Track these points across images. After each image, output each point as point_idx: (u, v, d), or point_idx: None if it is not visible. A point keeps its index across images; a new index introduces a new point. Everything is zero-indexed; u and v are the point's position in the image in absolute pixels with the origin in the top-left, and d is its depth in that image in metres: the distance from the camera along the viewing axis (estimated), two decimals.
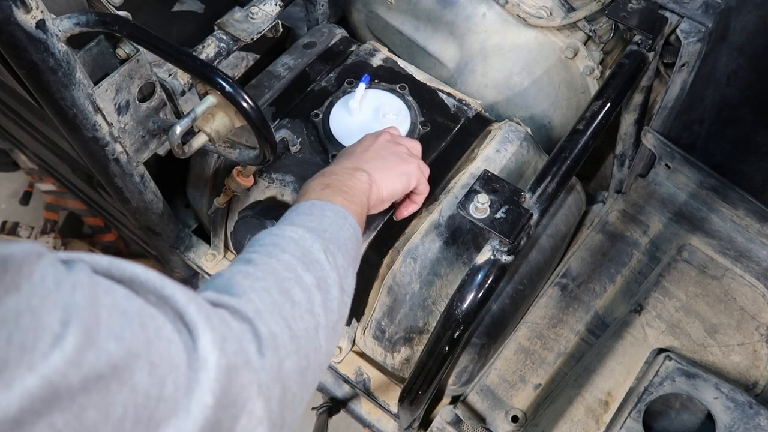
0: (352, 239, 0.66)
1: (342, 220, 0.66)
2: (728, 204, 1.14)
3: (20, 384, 0.28)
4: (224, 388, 0.39)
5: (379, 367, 1.08)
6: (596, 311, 1.13)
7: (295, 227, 0.61)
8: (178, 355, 0.37)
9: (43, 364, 0.29)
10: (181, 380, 0.37)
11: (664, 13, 0.97)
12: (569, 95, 1.19)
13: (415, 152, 0.90)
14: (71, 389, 0.30)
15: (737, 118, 1.05)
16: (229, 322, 0.44)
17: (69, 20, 0.74)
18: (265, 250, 0.56)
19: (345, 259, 0.62)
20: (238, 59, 1.29)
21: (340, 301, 0.58)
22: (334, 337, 0.56)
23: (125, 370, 0.33)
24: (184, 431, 0.37)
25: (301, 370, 0.49)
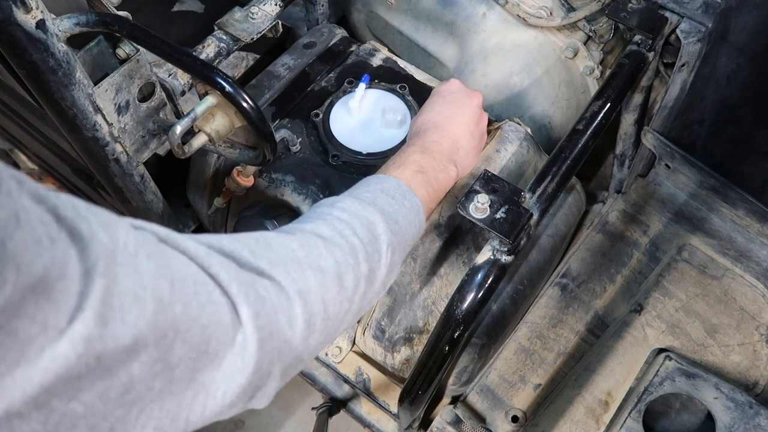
0: (414, 237, 0.69)
1: (414, 216, 0.68)
2: (728, 204, 1.14)
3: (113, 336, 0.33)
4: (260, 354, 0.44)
5: (379, 367, 1.08)
6: (596, 311, 1.13)
7: (374, 209, 0.63)
8: (224, 318, 0.42)
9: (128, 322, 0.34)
10: (225, 339, 0.42)
11: (664, 13, 0.97)
12: (569, 95, 1.19)
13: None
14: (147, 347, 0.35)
15: (737, 118, 1.05)
16: (268, 294, 0.47)
17: (69, 20, 0.74)
18: (341, 227, 0.58)
19: (400, 257, 0.64)
20: (238, 59, 1.29)
21: (376, 294, 0.61)
22: (353, 321, 0.60)
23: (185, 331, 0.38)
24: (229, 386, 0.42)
25: (317, 345, 0.53)
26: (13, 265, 0.29)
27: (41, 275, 0.30)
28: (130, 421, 0.36)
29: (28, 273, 0.30)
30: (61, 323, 0.31)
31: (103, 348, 0.33)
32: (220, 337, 0.41)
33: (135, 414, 0.37)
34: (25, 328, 0.30)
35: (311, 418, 1.15)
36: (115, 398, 0.35)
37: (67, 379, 0.32)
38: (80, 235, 0.34)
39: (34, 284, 0.30)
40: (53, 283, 0.31)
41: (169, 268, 0.39)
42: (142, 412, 0.37)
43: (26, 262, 0.30)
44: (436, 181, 0.75)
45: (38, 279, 0.30)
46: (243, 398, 0.45)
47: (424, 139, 0.81)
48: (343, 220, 0.60)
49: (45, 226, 0.32)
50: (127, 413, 0.36)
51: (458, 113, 0.85)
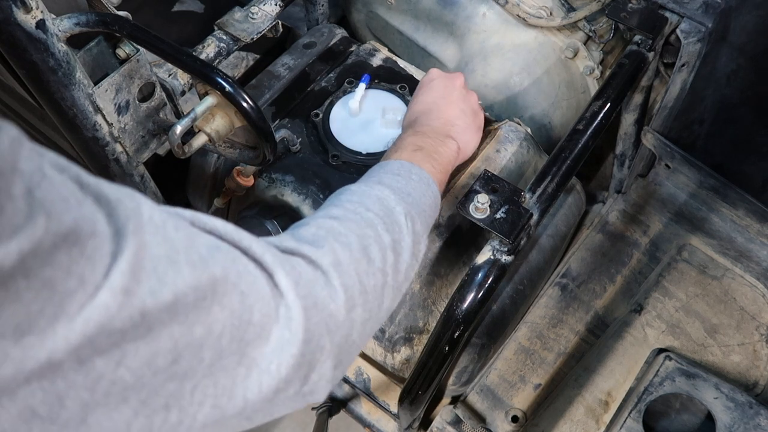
0: (431, 206, 0.69)
1: (425, 187, 0.68)
2: (728, 204, 1.14)
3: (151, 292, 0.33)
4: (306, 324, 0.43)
5: (379, 367, 1.08)
6: (596, 311, 1.13)
7: (383, 186, 0.63)
8: (263, 289, 0.41)
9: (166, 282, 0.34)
10: (268, 310, 0.41)
11: (664, 13, 0.97)
12: (569, 95, 1.19)
13: None
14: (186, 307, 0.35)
15: (737, 118, 1.05)
16: (303, 269, 0.47)
17: (69, 20, 0.74)
18: (352, 206, 0.59)
19: (422, 226, 0.64)
20: (238, 59, 1.29)
21: (409, 265, 0.61)
22: (396, 297, 0.59)
23: (223, 294, 0.37)
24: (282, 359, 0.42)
25: (363, 322, 0.52)
26: (43, 210, 0.29)
27: (72, 227, 0.30)
28: (184, 397, 0.36)
29: (58, 221, 0.29)
30: (98, 278, 0.31)
31: (142, 303, 0.32)
32: (262, 308, 0.41)
33: (189, 390, 0.36)
34: (62, 280, 0.29)
35: (311, 418, 1.15)
36: (164, 368, 0.34)
37: (110, 331, 0.31)
38: (106, 199, 0.33)
39: (65, 234, 0.29)
40: (85, 239, 0.30)
41: (199, 239, 0.39)
42: (196, 388, 0.36)
43: (56, 211, 0.29)
44: (437, 154, 0.76)
45: (69, 230, 0.30)
46: (298, 373, 0.43)
47: (415, 125, 0.82)
48: (353, 201, 0.60)
49: (69, 189, 0.32)
50: (180, 388, 0.35)
51: (443, 96, 0.86)
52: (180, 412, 0.36)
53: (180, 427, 0.36)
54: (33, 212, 0.28)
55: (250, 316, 0.39)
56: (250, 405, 0.40)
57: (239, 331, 0.39)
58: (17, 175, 0.28)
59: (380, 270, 0.55)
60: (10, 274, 0.27)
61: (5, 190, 0.27)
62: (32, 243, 0.28)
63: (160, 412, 0.35)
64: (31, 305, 0.28)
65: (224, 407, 0.38)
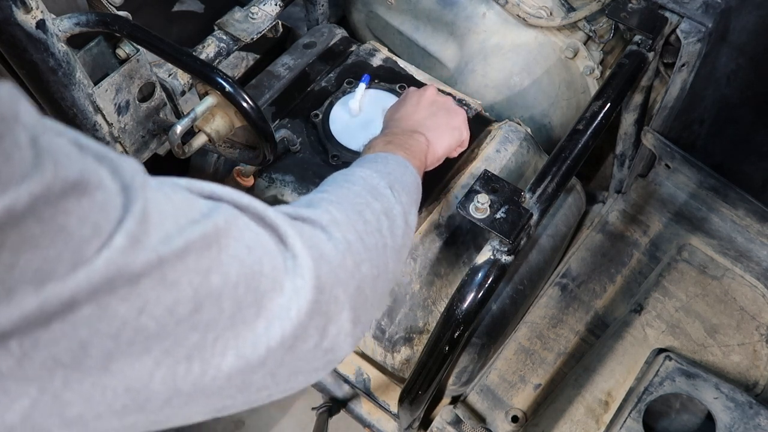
0: (413, 184, 0.70)
1: (404, 168, 0.70)
2: (728, 204, 1.14)
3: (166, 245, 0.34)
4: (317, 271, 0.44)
5: (379, 367, 1.08)
6: (596, 311, 1.13)
7: (363, 169, 0.65)
8: (268, 242, 0.42)
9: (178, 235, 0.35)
10: (276, 263, 0.42)
11: (664, 13, 0.97)
12: (569, 95, 1.19)
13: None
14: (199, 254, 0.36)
15: (737, 118, 1.05)
16: (304, 227, 0.48)
17: (69, 20, 0.74)
18: (337, 184, 0.61)
19: (408, 198, 0.66)
20: (238, 59, 1.29)
21: (404, 231, 0.61)
22: (398, 261, 0.60)
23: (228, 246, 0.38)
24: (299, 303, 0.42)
25: (373, 278, 0.52)
26: (50, 157, 0.29)
27: (79, 178, 0.30)
28: (206, 348, 0.36)
29: (65, 170, 0.29)
30: (111, 226, 0.31)
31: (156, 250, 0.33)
32: (270, 260, 0.41)
33: (211, 341, 0.36)
34: (77, 227, 0.30)
35: (311, 418, 1.16)
36: (186, 317, 0.35)
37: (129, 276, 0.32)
38: (108, 158, 0.34)
39: (73, 183, 0.30)
40: (93, 189, 0.31)
41: (198, 201, 0.40)
42: (217, 339, 0.37)
43: (61, 162, 0.30)
44: (408, 146, 0.77)
45: (77, 180, 0.30)
46: (315, 321, 0.44)
47: (383, 132, 0.85)
48: (338, 181, 0.63)
49: (70, 148, 0.32)
50: (202, 338, 0.36)
51: (412, 104, 0.89)
52: (203, 363, 0.36)
53: (205, 378, 0.37)
54: (40, 159, 0.28)
55: (260, 268, 0.40)
56: (272, 354, 0.41)
57: (254, 281, 0.39)
58: (20, 124, 0.28)
59: (378, 231, 0.57)
60: (22, 216, 0.27)
61: (11, 137, 0.27)
62: (42, 187, 0.28)
63: (182, 362, 0.35)
64: (48, 250, 0.29)
65: (248, 357, 0.39)
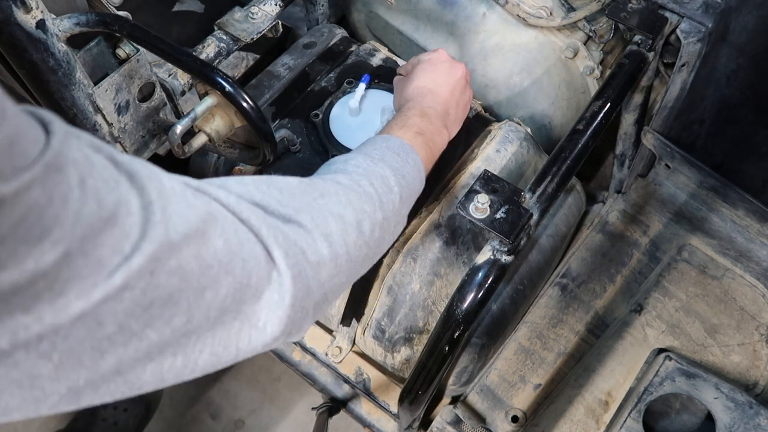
0: (417, 193, 0.74)
1: (417, 173, 0.73)
2: (728, 204, 1.14)
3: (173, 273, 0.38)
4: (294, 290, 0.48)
5: (379, 367, 1.08)
6: (596, 311, 1.13)
7: (385, 165, 0.67)
8: (260, 256, 0.46)
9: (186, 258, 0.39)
10: (262, 274, 0.46)
11: (664, 13, 0.97)
12: (569, 95, 1.19)
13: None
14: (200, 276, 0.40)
15: (737, 118, 1.05)
16: (296, 237, 0.51)
17: (69, 20, 0.74)
18: (357, 177, 0.64)
19: (407, 209, 0.70)
20: (238, 59, 1.29)
21: (388, 242, 0.67)
22: (369, 266, 0.65)
23: (228, 263, 0.42)
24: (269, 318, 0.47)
25: (340, 285, 0.58)
26: (94, 198, 0.33)
27: (114, 210, 0.34)
28: (189, 346, 0.41)
29: (105, 206, 0.34)
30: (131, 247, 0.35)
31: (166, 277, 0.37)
32: (258, 272, 0.46)
33: (193, 341, 0.42)
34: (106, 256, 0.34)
35: (311, 418, 1.15)
36: (180, 327, 0.40)
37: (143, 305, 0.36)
38: (138, 176, 0.38)
39: (108, 217, 0.34)
40: (123, 218, 0.35)
41: (208, 208, 0.43)
42: (198, 339, 0.42)
43: (103, 196, 0.34)
44: (433, 144, 0.80)
45: (111, 213, 0.34)
46: (284, 331, 0.49)
47: (422, 103, 0.85)
48: (359, 172, 0.65)
49: (108, 170, 0.36)
50: (187, 340, 0.41)
51: (448, 82, 0.89)
52: (184, 358, 0.42)
53: (184, 371, 0.42)
54: (85, 199, 0.33)
55: (248, 280, 0.44)
56: (241, 353, 0.46)
57: (239, 293, 0.44)
58: (71, 164, 0.32)
59: (366, 244, 0.60)
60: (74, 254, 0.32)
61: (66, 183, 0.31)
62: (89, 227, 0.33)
63: (168, 358, 0.41)
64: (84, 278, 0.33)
65: (220, 354, 0.44)
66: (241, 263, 0.44)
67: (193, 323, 0.40)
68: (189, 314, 0.40)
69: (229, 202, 0.47)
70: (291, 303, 0.48)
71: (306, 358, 1.14)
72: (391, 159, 0.69)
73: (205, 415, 1.67)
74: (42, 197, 0.30)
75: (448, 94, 0.87)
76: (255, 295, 0.45)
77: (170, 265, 0.37)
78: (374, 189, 0.63)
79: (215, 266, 0.41)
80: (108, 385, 0.38)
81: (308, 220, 0.54)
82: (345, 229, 0.57)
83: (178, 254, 0.38)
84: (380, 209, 0.62)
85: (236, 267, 0.43)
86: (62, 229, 0.31)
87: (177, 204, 0.39)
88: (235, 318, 0.44)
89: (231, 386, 1.71)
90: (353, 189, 0.61)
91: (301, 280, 0.50)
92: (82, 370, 0.35)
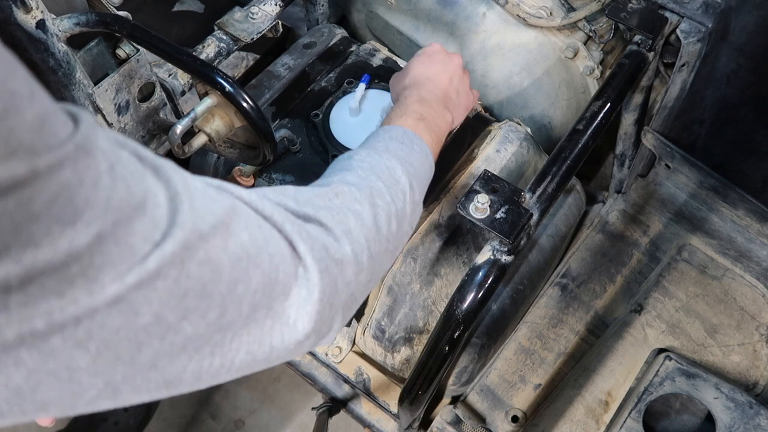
0: (427, 179, 0.73)
1: (424, 158, 0.73)
2: (728, 204, 1.14)
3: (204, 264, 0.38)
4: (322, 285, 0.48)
5: (379, 367, 1.08)
6: (596, 311, 1.13)
7: (390, 155, 0.68)
8: (285, 251, 0.46)
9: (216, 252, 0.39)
10: (289, 270, 0.46)
11: (664, 13, 0.97)
12: (569, 95, 1.19)
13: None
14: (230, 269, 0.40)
15: (737, 118, 1.05)
16: (318, 235, 0.51)
17: (69, 20, 0.74)
18: (364, 173, 0.64)
19: (420, 195, 0.70)
20: (238, 59, 1.29)
21: (406, 233, 0.66)
22: (392, 260, 0.65)
23: (256, 256, 0.42)
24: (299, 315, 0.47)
25: (366, 282, 0.58)
26: (124, 185, 0.34)
27: (142, 198, 0.35)
28: (225, 345, 0.42)
29: (134, 195, 0.34)
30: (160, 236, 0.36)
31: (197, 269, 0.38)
32: (285, 268, 0.46)
33: (229, 339, 0.42)
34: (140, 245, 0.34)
35: (311, 418, 1.15)
36: (214, 321, 0.40)
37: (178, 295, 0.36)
38: (163, 170, 0.38)
39: (137, 205, 0.34)
40: (152, 207, 0.35)
41: (231, 203, 0.43)
42: (234, 337, 0.42)
43: (133, 184, 0.34)
44: (436, 127, 0.79)
45: (140, 201, 0.35)
46: (316, 328, 0.49)
47: (420, 90, 0.85)
48: (364, 168, 0.65)
49: (133, 163, 0.36)
50: (223, 337, 0.41)
51: (444, 70, 0.90)
52: (222, 358, 0.42)
53: (221, 370, 0.43)
54: (114, 185, 0.33)
55: (276, 275, 0.44)
56: (275, 352, 0.46)
57: (269, 288, 0.44)
58: (99, 152, 0.33)
59: (385, 237, 0.60)
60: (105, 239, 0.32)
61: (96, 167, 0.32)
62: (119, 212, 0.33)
63: (207, 357, 0.41)
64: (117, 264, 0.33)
65: (255, 353, 0.44)
66: (268, 258, 0.44)
67: (227, 317, 0.40)
68: (222, 307, 0.40)
69: (251, 199, 0.47)
70: (319, 298, 0.48)
71: (306, 358, 1.14)
72: (396, 148, 0.69)
73: (205, 415, 1.67)
74: (74, 178, 0.30)
75: (446, 80, 0.88)
76: (284, 292, 0.45)
77: (199, 255, 0.38)
78: (383, 182, 0.63)
79: (244, 259, 0.41)
80: (147, 382, 0.38)
81: (328, 219, 0.54)
82: (363, 225, 0.57)
83: (206, 245, 0.38)
84: (392, 201, 0.62)
85: (263, 261, 0.43)
86: (94, 212, 0.31)
87: (201, 197, 0.40)
88: (267, 315, 0.44)
89: (231, 386, 1.71)
90: (363, 186, 0.62)
91: (328, 276, 0.50)
92: (119, 364, 0.35)
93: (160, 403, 1.67)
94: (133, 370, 0.37)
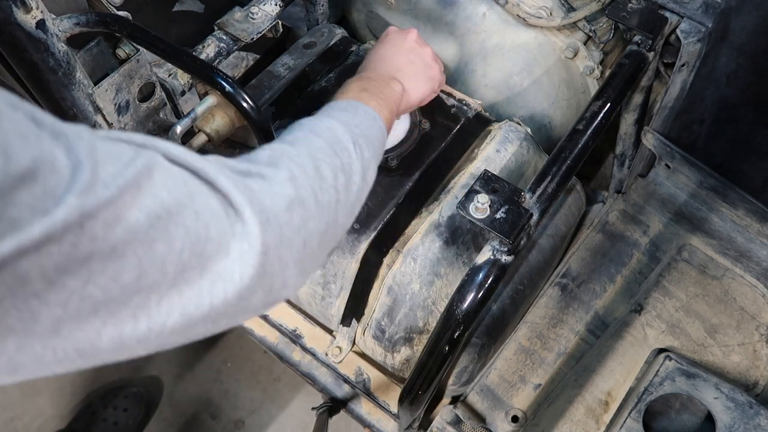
0: (378, 138, 0.72)
1: (372, 121, 0.72)
2: (728, 204, 1.14)
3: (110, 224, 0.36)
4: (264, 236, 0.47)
5: (379, 367, 1.08)
6: (596, 311, 1.13)
7: (331, 119, 0.67)
8: (216, 207, 0.45)
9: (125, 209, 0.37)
10: (224, 227, 0.44)
11: (664, 13, 0.97)
12: (569, 95, 1.19)
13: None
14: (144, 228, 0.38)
15: (737, 118, 1.05)
16: (258, 186, 0.50)
17: (69, 20, 0.74)
18: (303, 134, 0.63)
19: (371, 153, 0.68)
20: (238, 59, 1.29)
21: (359, 187, 0.64)
22: (350, 216, 0.64)
23: (177, 214, 0.40)
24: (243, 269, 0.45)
25: (321, 233, 0.56)
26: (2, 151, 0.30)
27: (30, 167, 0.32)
28: (151, 308, 0.40)
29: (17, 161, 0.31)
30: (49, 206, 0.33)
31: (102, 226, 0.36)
32: (217, 225, 0.44)
33: (155, 301, 0.40)
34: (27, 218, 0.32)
35: (311, 418, 1.16)
36: (130, 282, 0.37)
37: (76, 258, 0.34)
38: (64, 134, 0.36)
39: (23, 174, 0.31)
40: (45, 175, 0.33)
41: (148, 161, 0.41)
42: (161, 299, 0.40)
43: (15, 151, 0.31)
44: (382, 95, 0.79)
45: (27, 170, 0.32)
46: (261, 283, 0.47)
47: (360, 74, 0.86)
48: (304, 129, 0.64)
49: (26, 126, 0.33)
50: (146, 300, 0.39)
51: (393, 47, 0.90)
52: (149, 321, 0.40)
53: (151, 334, 0.40)
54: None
55: (206, 233, 0.42)
56: (215, 310, 0.44)
57: (198, 247, 0.42)
58: None
59: (333, 187, 0.59)
60: None
61: None
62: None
63: (128, 321, 0.39)
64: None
65: (191, 314, 0.42)
66: (194, 215, 0.42)
67: (147, 279, 0.38)
68: (140, 269, 0.38)
69: (178, 154, 0.45)
70: (261, 250, 0.46)
71: (306, 358, 1.14)
72: (338, 114, 0.69)
73: (205, 415, 1.67)
74: None
75: (394, 55, 0.88)
76: (220, 249, 0.44)
77: (106, 216, 0.36)
78: (323, 140, 0.62)
79: (164, 217, 0.39)
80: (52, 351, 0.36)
81: (268, 171, 0.53)
82: (306, 174, 0.56)
83: (113, 206, 0.36)
84: (335, 155, 0.62)
85: (187, 218, 0.41)
86: None
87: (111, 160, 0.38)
88: (201, 275, 0.42)
89: (231, 386, 1.71)
90: (299, 142, 0.61)
91: (270, 228, 0.48)
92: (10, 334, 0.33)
93: (160, 403, 1.67)
94: (31, 340, 0.35)
